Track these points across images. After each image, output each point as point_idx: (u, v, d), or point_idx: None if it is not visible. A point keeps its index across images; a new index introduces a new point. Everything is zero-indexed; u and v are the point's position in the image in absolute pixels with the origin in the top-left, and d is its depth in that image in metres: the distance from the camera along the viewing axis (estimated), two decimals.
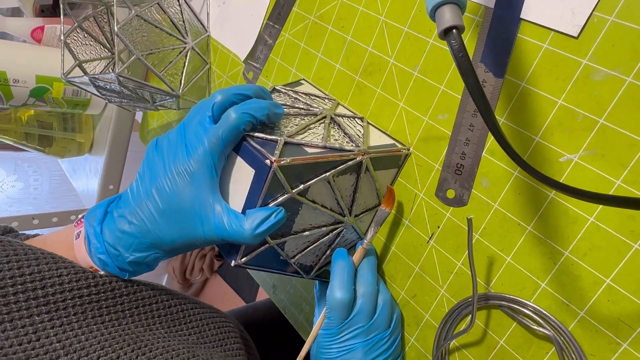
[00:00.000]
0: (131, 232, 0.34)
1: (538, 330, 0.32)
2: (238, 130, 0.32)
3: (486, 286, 0.35)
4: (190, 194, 0.32)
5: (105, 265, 0.36)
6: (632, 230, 0.28)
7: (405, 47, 0.40)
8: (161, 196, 0.33)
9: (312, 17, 0.48)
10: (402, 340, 0.41)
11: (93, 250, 0.35)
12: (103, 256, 0.35)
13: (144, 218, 0.33)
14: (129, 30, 0.53)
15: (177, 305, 0.41)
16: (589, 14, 0.29)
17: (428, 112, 0.38)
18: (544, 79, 0.31)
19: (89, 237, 0.36)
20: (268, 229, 0.31)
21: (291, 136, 0.34)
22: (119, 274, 0.36)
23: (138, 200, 0.34)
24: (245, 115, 0.32)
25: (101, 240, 0.35)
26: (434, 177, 0.38)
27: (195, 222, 0.32)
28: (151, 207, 0.33)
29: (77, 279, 0.33)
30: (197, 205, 0.32)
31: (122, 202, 0.35)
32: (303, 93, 0.44)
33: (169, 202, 0.32)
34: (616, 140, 0.29)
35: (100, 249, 0.35)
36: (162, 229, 0.33)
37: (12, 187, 1.49)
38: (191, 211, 0.32)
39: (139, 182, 0.34)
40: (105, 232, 0.35)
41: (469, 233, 0.34)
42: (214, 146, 0.32)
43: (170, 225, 0.33)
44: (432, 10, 0.26)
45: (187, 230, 0.33)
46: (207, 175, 0.32)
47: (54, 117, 0.83)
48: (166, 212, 0.33)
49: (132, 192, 0.34)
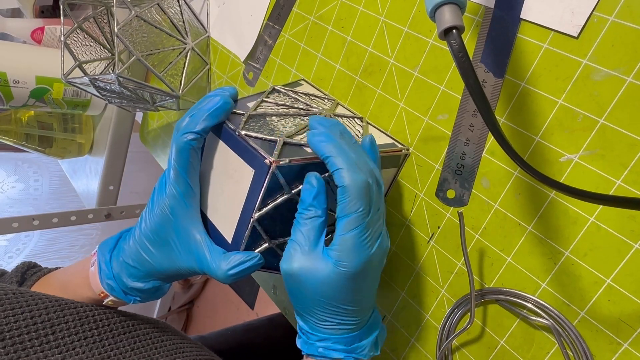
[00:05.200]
0: (129, 262, 0.37)
1: (537, 321, 0.32)
2: (188, 152, 0.33)
3: (486, 286, 0.35)
4: (172, 226, 0.35)
5: (112, 290, 0.39)
6: (633, 230, 0.28)
7: (405, 47, 0.40)
8: (152, 230, 0.36)
9: (312, 18, 0.48)
10: None
11: (103, 276, 0.39)
12: (111, 282, 0.39)
13: (140, 249, 0.37)
14: (129, 31, 0.53)
15: (168, 340, 0.45)
16: (589, 14, 0.29)
17: (428, 112, 0.38)
18: (544, 79, 0.31)
19: (100, 265, 0.39)
20: (242, 272, 0.33)
21: (290, 136, 0.34)
22: (124, 298, 0.39)
23: (137, 234, 0.37)
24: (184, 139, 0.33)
25: (110, 267, 0.39)
26: (434, 177, 0.38)
27: (180, 254, 0.35)
28: (145, 240, 0.36)
29: (81, 324, 0.38)
30: (180, 238, 0.35)
31: (130, 233, 0.39)
32: (303, 93, 0.44)
33: (158, 235, 0.35)
34: (616, 140, 0.29)
35: (109, 275, 0.39)
36: (155, 259, 0.36)
37: (12, 188, 1.49)
38: (176, 244, 0.35)
39: (143, 216, 0.37)
40: (113, 261, 0.39)
41: (461, 227, 0.34)
42: (175, 177, 0.34)
43: (161, 257, 0.36)
44: (432, 10, 0.26)
45: (175, 261, 0.36)
46: (181, 206, 0.34)
47: (54, 118, 0.84)
48: (156, 244, 0.36)
49: (138, 225, 0.38)
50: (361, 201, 0.29)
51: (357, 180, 0.29)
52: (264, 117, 0.36)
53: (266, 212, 0.32)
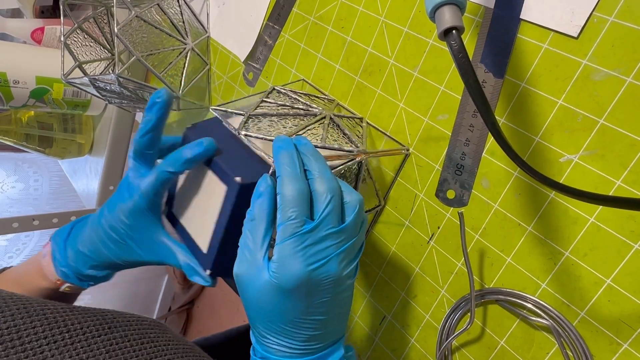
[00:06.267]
0: (85, 252, 0.39)
1: (537, 321, 0.32)
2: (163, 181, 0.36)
3: (486, 286, 0.35)
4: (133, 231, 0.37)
5: (67, 277, 0.40)
6: (633, 230, 0.28)
7: (405, 48, 0.40)
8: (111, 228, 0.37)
9: (312, 18, 0.48)
10: None
11: (57, 265, 0.40)
12: (65, 269, 0.40)
13: (98, 241, 0.38)
14: (128, 31, 0.53)
15: (149, 343, 0.43)
16: (588, 14, 0.29)
17: (428, 113, 0.38)
18: (544, 79, 0.31)
19: (54, 254, 0.40)
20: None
21: (290, 137, 0.34)
22: (79, 284, 0.41)
23: (95, 227, 0.38)
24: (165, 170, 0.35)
25: (64, 256, 0.40)
26: (434, 177, 0.38)
27: (143, 253, 0.38)
28: (103, 234, 0.38)
29: (50, 328, 0.37)
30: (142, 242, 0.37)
31: (85, 224, 0.40)
32: (303, 93, 0.44)
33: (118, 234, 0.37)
34: (616, 141, 0.29)
35: (62, 262, 0.40)
36: (112, 253, 0.38)
37: (12, 188, 1.49)
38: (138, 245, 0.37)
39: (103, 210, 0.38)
40: (68, 249, 0.40)
41: (461, 227, 0.34)
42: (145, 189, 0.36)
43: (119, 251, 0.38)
44: (432, 10, 0.26)
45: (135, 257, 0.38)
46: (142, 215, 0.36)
47: (54, 118, 0.84)
48: (115, 241, 0.37)
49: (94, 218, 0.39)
50: (294, 209, 0.28)
51: (292, 188, 0.28)
52: (264, 117, 0.36)
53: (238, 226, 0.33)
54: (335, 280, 0.28)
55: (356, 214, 0.29)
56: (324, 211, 0.28)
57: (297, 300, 0.28)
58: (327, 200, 0.29)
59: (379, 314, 0.43)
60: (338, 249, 0.28)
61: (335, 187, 0.29)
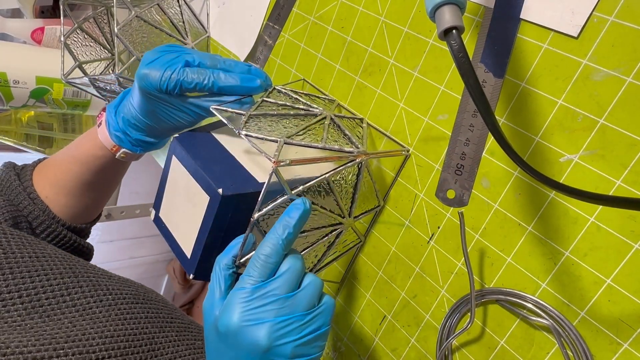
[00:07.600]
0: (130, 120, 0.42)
1: (537, 321, 0.32)
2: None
3: (486, 286, 0.35)
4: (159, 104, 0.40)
5: (121, 142, 0.44)
6: (633, 230, 0.28)
7: (405, 48, 0.40)
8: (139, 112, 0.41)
9: (311, 18, 0.48)
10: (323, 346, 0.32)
11: (111, 130, 0.44)
12: (119, 133, 0.44)
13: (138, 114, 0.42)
14: (128, 31, 0.53)
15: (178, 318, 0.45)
16: (588, 14, 0.29)
17: (428, 113, 0.38)
18: (544, 79, 0.31)
19: (108, 120, 0.44)
20: None
21: (291, 137, 0.34)
22: (131, 149, 0.45)
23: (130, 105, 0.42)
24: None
25: (116, 121, 0.43)
26: (434, 177, 0.38)
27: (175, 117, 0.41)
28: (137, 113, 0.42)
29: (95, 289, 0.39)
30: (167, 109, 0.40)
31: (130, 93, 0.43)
32: (303, 93, 0.44)
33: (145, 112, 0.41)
34: (616, 140, 0.29)
35: (115, 127, 0.44)
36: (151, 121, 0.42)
37: None
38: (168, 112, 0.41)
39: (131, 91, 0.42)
40: (118, 116, 0.43)
41: (461, 227, 0.34)
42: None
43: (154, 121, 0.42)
44: (432, 10, 0.26)
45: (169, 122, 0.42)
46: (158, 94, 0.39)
47: (54, 118, 0.84)
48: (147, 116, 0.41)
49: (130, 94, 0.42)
50: (255, 270, 0.30)
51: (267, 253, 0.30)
52: (265, 117, 0.37)
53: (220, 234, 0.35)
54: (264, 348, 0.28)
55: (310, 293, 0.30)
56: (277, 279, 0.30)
57: (229, 348, 0.30)
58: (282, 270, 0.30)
59: (379, 314, 0.43)
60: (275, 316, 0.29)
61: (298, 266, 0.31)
